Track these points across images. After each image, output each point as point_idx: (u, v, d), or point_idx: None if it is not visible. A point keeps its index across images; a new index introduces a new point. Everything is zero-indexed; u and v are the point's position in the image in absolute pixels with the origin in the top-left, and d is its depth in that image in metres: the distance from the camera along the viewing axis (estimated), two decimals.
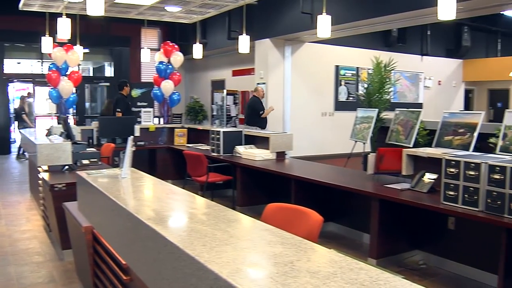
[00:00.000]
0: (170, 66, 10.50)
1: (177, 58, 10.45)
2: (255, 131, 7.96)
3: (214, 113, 13.96)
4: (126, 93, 10.41)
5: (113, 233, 2.72)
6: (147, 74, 15.13)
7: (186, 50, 12.77)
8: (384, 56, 8.70)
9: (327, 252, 1.68)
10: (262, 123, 9.96)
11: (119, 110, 9.74)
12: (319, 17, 6.94)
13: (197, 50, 10.59)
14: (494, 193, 3.79)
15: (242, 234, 1.91)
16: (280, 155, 7.15)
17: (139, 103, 14.02)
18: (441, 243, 4.90)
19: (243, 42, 8.80)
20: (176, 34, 14.93)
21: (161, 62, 10.43)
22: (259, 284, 1.39)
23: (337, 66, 13.60)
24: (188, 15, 11.84)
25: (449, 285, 4.46)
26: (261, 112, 9.89)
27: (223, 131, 7.47)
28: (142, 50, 12.18)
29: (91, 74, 18.64)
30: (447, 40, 16.86)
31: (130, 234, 2.34)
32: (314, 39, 11.44)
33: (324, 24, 6.91)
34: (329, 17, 6.91)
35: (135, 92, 14.46)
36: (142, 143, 8.92)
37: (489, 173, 3.83)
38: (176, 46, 10.56)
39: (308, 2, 9.90)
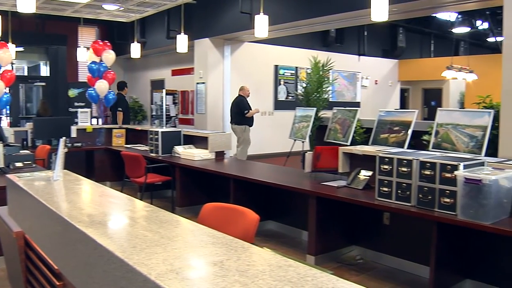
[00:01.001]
0: (103, 65, 10.22)
1: (109, 56, 10.10)
2: (193, 131, 7.93)
3: (154, 113, 13.81)
4: (126, 93, 10.60)
5: (44, 238, 2.65)
6: (85, 74, 14.78)
7: (125, 49, 12.57)
8: (322, 56, 8.87)
9: (257, 251, 1.69)
10: (249, 121, 10.25)
11: (120, 109, 10.06)
12: (256, 17, 6.97)
13: (135, 49, 10.43)
14: (425, 188, 3.92)
15: (173, 234, 1.89)
16: (219, 155, 7.14)
17: (76, 103, 13.71)
18: (377, 238, 5.03)
19: (181, 42, 8.76)
20: (115, 33, 14.65)
21: (93, 62, 10.14)
22: (187, 285, 1.38)
23: (276, 66, 13.73)
24: (126, 14, 11.69)
25: (385, 278, 4.58)
26: (245, 112, 10.11)
27: (162, 131, 7.39)
28: (78, 49, 11.87)
29: (25, 74, 18.00)
30: (383, 41, 17.33)
31: (61, 238, 2.28)
32: (254, 39, 11.50)
33: (261, 24, 6.95)
34: (267, 17, 6.96)
35: (72, 92, 14.12)
36: (79, 144, 8.71)
37: (420, 169, 3.96)
38: (108, 44, 10.29)
39: (247, 1, 9.93)
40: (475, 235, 4.00)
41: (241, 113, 10.19)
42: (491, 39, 17.97)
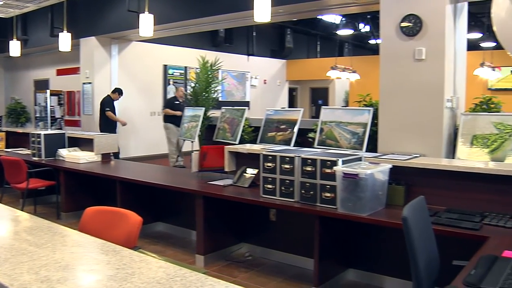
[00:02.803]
0: None
1: None
2: (78, 133, 7.66)
3: (38, 115, 13.17)
4: (114, 99, 10.49)
5: None
6: None
7: (5, 47, 11.85)
8: (212, 55, 8.89)
9: (128, 253, 1.66)
10: (171, 120, 10.48)
11: (108, 109, 10.30)
12: (141, 15, 6.84)
13: (14, 47, 9.87)
14: (307, 184, 4.05)
15: (42, 242, 1.80)
16: (106, 157, 6.94)
17: None
18: (264, 235, 5.12)
19: (64, 40, 8.42)
20: None
21: None
22: None
23: (165, 65, 13.60)
24: (3, 9, 11.04)
25: (273, 273, 4.67)
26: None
27: (44, 134, 7.05)
28: None
29: None
30: (271, 41, 17.71)
31: None
32: (142, 38, 11.29)
33: (146, 23, 6.83)
34: (152, 16, 6.85)
35: None
36: None
37: (302, 165, 4.09)
38: None
39: (135, 0, 9.73)
40: (355, 227, 4.19)
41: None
42: (372, 41, 18.94)
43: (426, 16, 5.53)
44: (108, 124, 10.28)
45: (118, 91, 10.65)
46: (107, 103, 10.44)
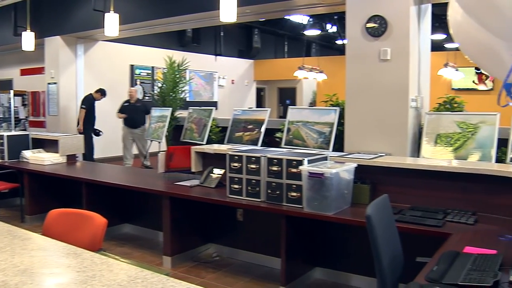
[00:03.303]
0: None
1: None
2: (42, 134, 7.53)
3: (1, 116, 12.90)
4: (96, 98, 10.46)
5: None
6: None
7: None
8: (179, 55, 8.85)
9: (89, 256, 1.64)
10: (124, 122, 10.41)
11: (84, 107, 10.25)
12: (106, 15, 6.75)
13: None
14: (273, 184, 4.07)
15: (1, 246, 1.77)
16: (71, 158, 6.84)
17: None
18: (232, 235, 5.12)
19: (27, 39, 8.26)
20: None
21: None
22: None
23: (132, 65, 13.49)
24: None
25: (241, 273, 4.68)
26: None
27: (7, 135, 6.91)
28: None
29: None
30: (239, 41, 17.73)
31: None
32: (108, 38, 11.14)
33: (112, 22, 6.75)
34: (117, 15, 6.77)
35: None
36: None
37: (268, 165, 4.10)
38: None
39: None
40: (321, 226, 4.22)
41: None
42: (339, 42, 19.10)
43: (391, 17, 5.60)
44: (84, 122, 10.20)
45: (101, 92, 10.58)
46: (86, 101, 10.38)
